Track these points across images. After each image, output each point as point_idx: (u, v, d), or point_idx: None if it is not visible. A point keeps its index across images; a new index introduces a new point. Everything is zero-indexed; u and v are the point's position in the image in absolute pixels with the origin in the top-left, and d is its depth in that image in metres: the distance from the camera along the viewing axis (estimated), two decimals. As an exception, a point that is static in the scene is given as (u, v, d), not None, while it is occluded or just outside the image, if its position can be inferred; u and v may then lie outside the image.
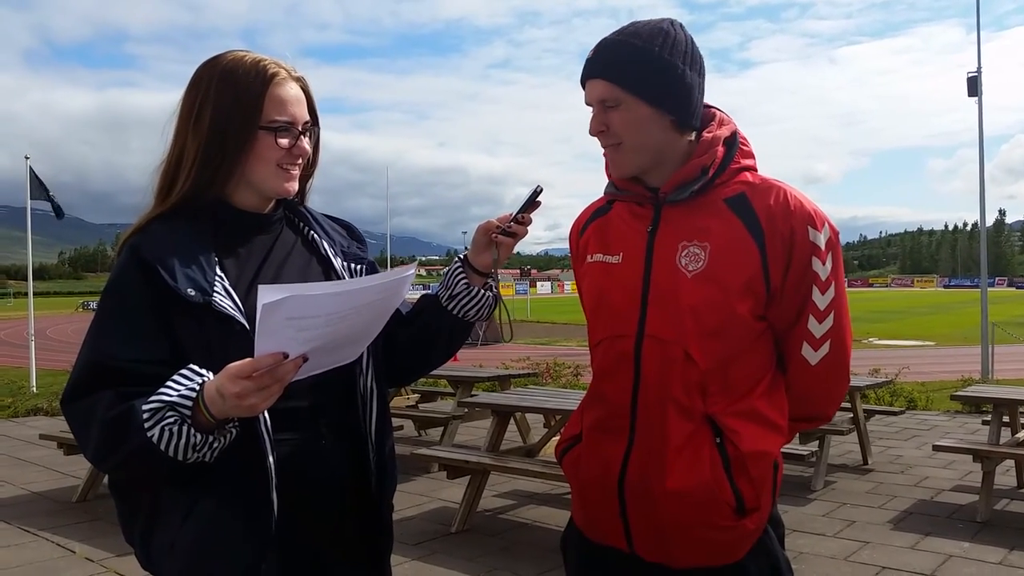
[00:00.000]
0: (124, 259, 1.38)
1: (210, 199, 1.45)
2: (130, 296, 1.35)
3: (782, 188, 1.59)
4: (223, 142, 1.42)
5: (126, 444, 1.25)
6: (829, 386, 1.66)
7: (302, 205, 1.62)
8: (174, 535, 1.34)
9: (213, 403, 1.23)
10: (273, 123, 1.44)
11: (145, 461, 1.26)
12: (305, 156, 1.50)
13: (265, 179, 1.46)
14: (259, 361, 1.19)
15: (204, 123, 1.42)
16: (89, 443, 1.31)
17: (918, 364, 12.48)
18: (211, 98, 1.43)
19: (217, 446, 1.29)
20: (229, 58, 1.47)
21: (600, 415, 1.66)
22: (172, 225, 1.41)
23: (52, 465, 6.63)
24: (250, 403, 1.20)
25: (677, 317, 1.55)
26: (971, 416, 8.42)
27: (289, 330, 1.18)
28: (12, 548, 4.61)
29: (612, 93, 1.55)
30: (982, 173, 13.16)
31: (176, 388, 1.25)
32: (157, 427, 1.23)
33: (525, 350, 16.24)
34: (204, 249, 1.40)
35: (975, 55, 12.85)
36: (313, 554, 1.46)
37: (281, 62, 1.49)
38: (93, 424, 1.29)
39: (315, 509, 1.44)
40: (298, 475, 1.39)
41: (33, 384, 11.81)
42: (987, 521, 4.88)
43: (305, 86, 1.51)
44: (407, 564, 4.29)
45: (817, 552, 4.38)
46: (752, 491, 1.54)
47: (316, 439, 1.44)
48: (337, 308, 1.21)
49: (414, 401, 7.96)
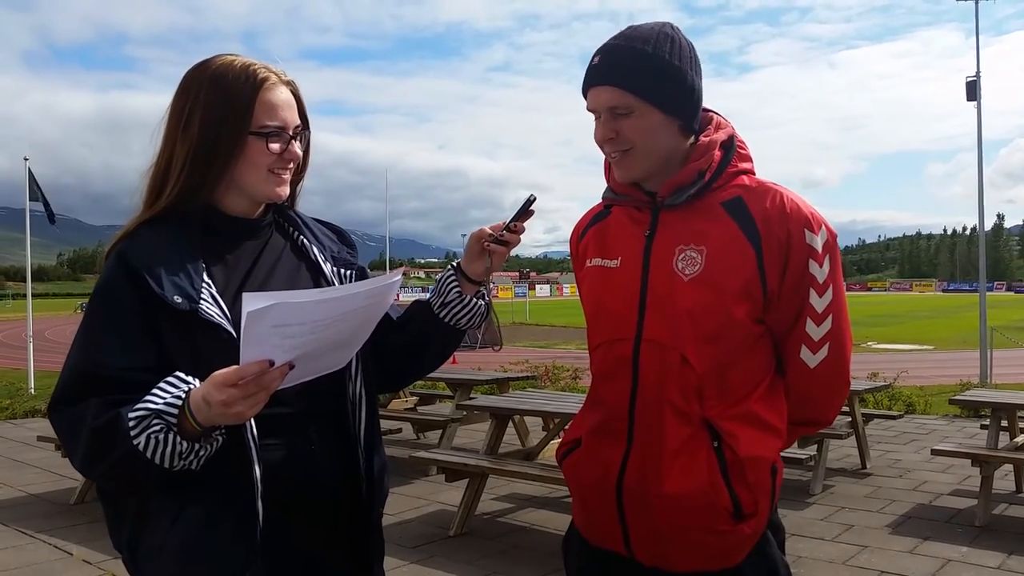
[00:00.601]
0: (112, 265, 1.38)
1: (199, 204, 1.44)
2: (118, 303, 1.34)
3: (779, 191, 1.59)
4: (213, 147, 1.41)
5: (112, 452, 1.25)
6: (829, 390, 1.66)
7: (292, 210, 1.60)
8: (162, 539, 1.33)
9: (199, 410, 1.22)
10: (264, 128, 1.43)
11: (131, 469, 1.26)
12: (296, 160, 1.49)
13: (256, 184, 1.45)
14: (245, 369, 1.18)
15: (193, 128, 1.41)
16: (77, 451, 1.30)
17: (917, 368, 12.47)
18: (201, 103, 1.42)
19: (204, 453, 1.28)
20: (218, 63, 1.45)
21: (599, 419, 1.66)
22: (160, 230, 1.40)
23: (50, 467, 6.61)
24: (236, 411, 1.20)
25: (674, 321, 1.55)
26: (969, 420, 8.42)
27: (275, 337, 1.17)
28: (10, 550, 4.60)
29: (624, 100, 1.54)
30: (981, 177, 13.18)
31: (162, 396, 1.25)
32: (143, 435, 1.23)
33: (524, 353, 16.24)
34: (191, 255, 1.39)
35: (974, 59, 12.90)
36: (304, 559, 1.46)
37: (271, 66, 1.48)
38: (81, 432, 1.28)
39: (305, 514, 1.44)
40: (288, 481, 1.39)
41: (31, 386, 11.79)
42: (986, 525, 4.88)
43: (295, 90, 1.50)
44: (405, 567, 4.28)
45: (816, 556, 4.38)
46: (750, 496, 1.54)
47: (306, 444, 1.44)
48: (323, 315, 1.21)
49: (412, 404, 7.96)
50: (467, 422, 6.74)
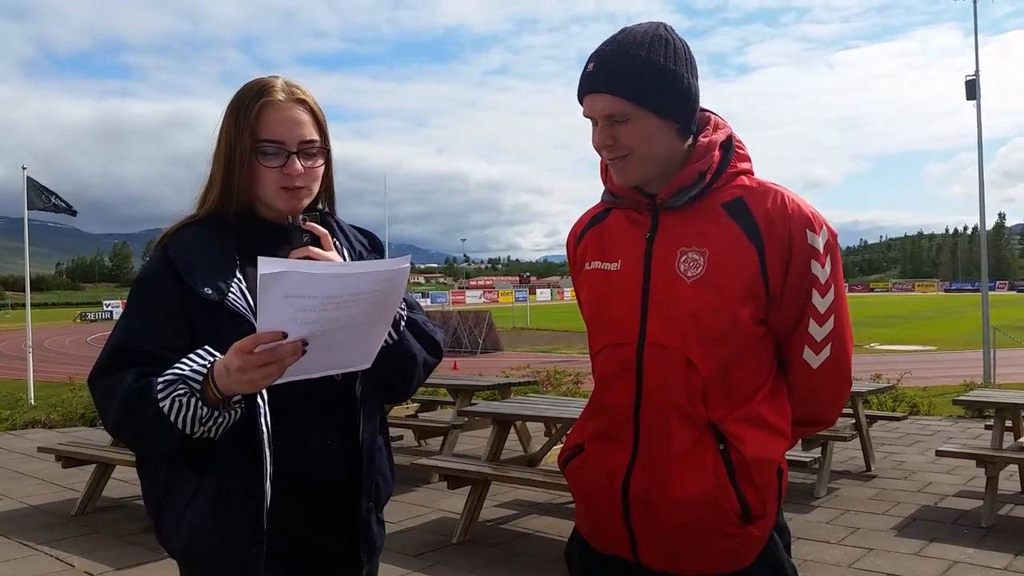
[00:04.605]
0: (156, 257, 1.54)
1: (238, 210, 1.56)
2: (156, 290, 1.50)
3: (779, 191, 1.58)
4: (231, 164, 1.53)
5: (141, 414, 1.38)
6: (831, 389, 1.65)
7: (332, 215, 1.69)
8: (180, 515, 1.48)
9: (220, 378, 1.34)
10: (259, 144, 1.52)
11: (156, 431, 1.38)
12: (299, 175, 1.53)
13: (271, 199, 1.55)
14: (260, 336, 1.28)
15: (221, 148, 1.55)
16: (110, 415, 1.44)
17: (920, 369, 12.45)
18: (223, 125, 1.55)
19: (222, 422, 1.39)
20: (244, 85, 1.57)
21: (602, 424, 1.64)
22: (202, 231, 1.55)
23: (50, 478, 6.59)
24: (250, 377, 1.30)
25: (678, 323, 1.54)
26: (973, 421, 8.40)
27: (288, 309, 1.26)
28: (10, 562, 4.58)
29: (620, 107, 1.53)
30: (981, 177, 13.17)
31: (189, 364, 1.38)
32: (168, 398, 1.36)
33: (525, 358, 16.23)
34: (227, 254, 1.52)
35: (973, 58, 12.89)
36: (303, 546, 1.55)
37: (280, 83, 1.56)
38: (115, 397, 1.42)
39: (307, 502, 1.53)
40: (294, 470, 1.50)
41: (31, 396, 11.78)
42: (992, 526, 4.85)
43: (312, 106, 1.57)
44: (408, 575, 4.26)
45: (821, 559, 4.35)
46: (757, 498, 1.53)
47: (314, 436, 1.54)
48: (333, 291, 1.28)
49: (413, 411, 7.94)
50: (468, 428, 6.73)
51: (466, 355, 21.52)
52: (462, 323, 23.90)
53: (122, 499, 5.92)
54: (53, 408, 9.97)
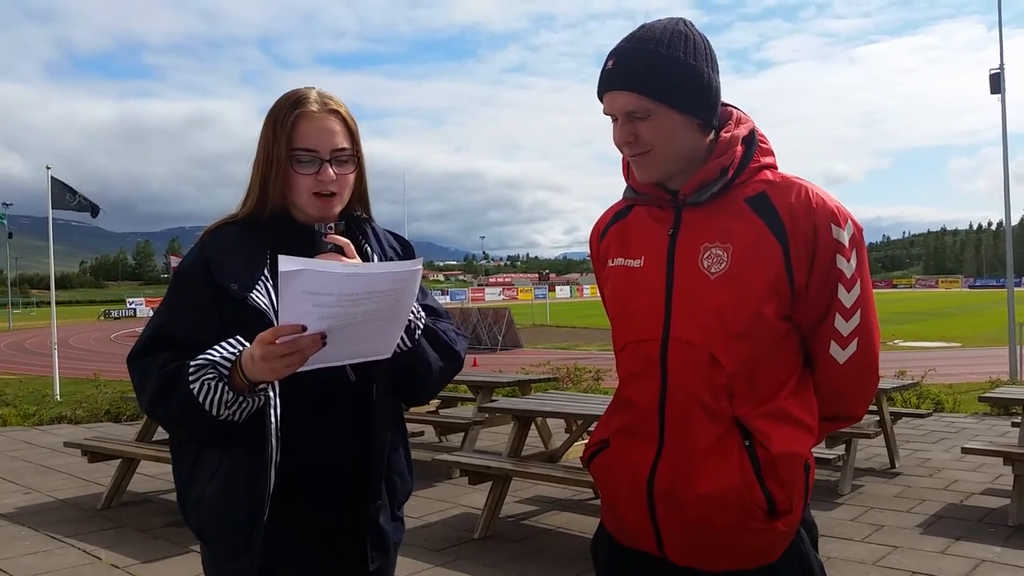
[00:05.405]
0: (194, 252, 1.65)
1: (272, 214, 1.64)
2: (192, 283, 1.61)
3: (803, 185, 1.57)
4: (267, 173, 1.62)
5: (172, 394, 1.49)
6: (858, 384, 1.63)
7: (367, 220, 1.77)
8: (200, 492, 1.58)
9: (247, 366, 1.44)
10: (294, 153, 1.60)
11: (186, 412, 1.48)
12: (331, 181, 1.61)
13: (304, 205, 1.63)
14: (282, 328, 1.37)
15: (259, 156, 1.64)
16: (145, 394, 1.55)
17: (944, 366, 12.32)
18: (261, 134, 1.64)
19: (246, 407, 1.49)
20: (281, 96, 1.65)
21: (627, 420, 1.64)
22: (237, 231, 1.65)
23: (77, 472, 6.69)
24: (272, 366, 1.39)
25: (702, 320, 1.53)
26: (999, 419, 8.30)
27: (307, 304, 1.34)
28: (39, 555, 4.66)
29: (641, 104, 1.52)
30: (1006, 171, 12.98)
31: (220, 351, 1.48)
32: (198, 381, 1.46)
33: (545, 355, 16.22)
34: (257, 253, 1.61)
35: (997, 52, 12.71)
36: (307, 539, 1.62)
37: (314, 94, 1.63)
38: (151, 377, 1.53)
39: (315, 490, 1.61)
40: (304, 457, 1.58)
41: (57, 392, 11.94)
42: (1020, 525, 4.79)
43: (345, 115, 1.65)
44: (430, 570, 4.28)
45: (846, 557, 4.32)
46: (784, 494, 1.52)
47: (328, 428, 1.61)
48: (349, 289, 1.36)
49: (434, 407, 7.96)
50: (489, 424, 6.73)
51: (486, 352, 21.55)
52: (481, 320, 23.95)
53: (147, 494, 5.99)
54: (79, 404, 10.10)
